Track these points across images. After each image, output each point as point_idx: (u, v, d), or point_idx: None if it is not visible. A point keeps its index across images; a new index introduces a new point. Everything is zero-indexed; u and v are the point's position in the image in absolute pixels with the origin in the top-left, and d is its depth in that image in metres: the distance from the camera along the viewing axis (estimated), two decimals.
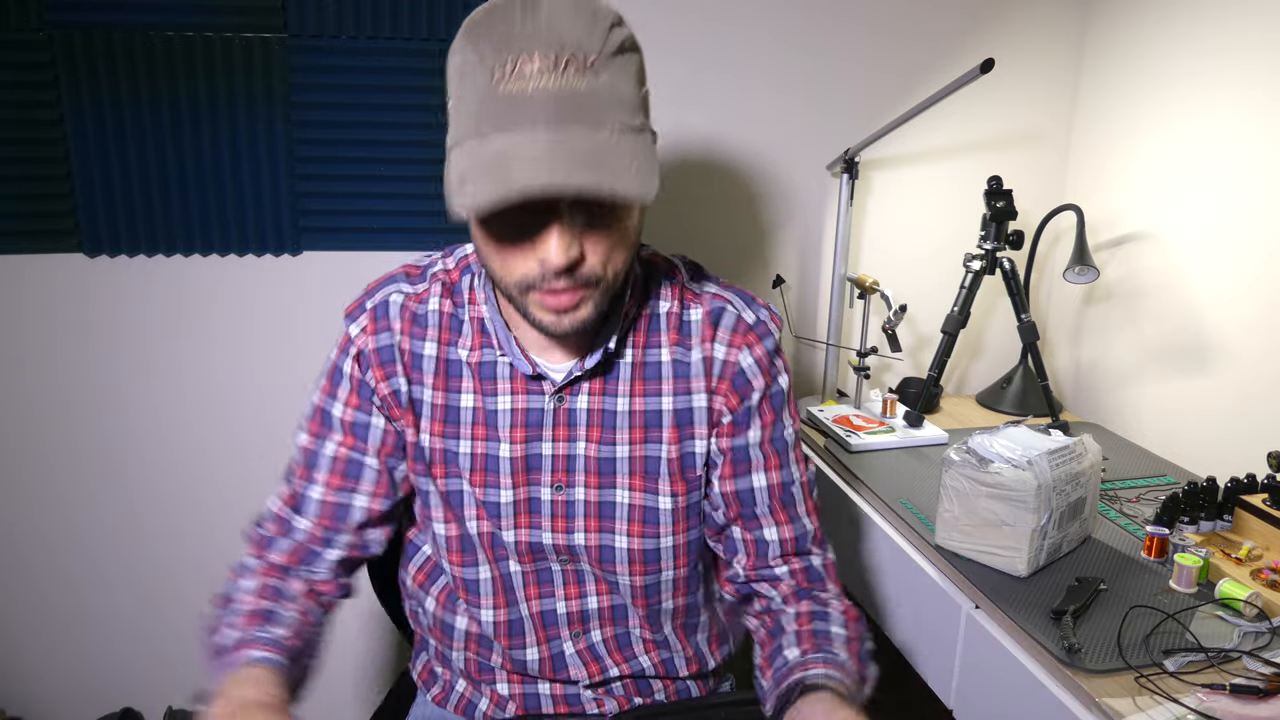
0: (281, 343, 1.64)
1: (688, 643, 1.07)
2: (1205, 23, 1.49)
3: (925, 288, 1.76)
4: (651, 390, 0.96)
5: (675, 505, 0.97)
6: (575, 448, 0.96)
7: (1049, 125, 1.78)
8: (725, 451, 0.98)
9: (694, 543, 1.00)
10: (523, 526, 0.97)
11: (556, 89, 0.74)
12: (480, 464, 0.96)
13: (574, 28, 0.75)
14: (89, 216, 1.51)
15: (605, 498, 0.96)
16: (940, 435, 1.55)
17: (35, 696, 1.73)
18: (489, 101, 0.75)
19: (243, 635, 0.85)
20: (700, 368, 0.96)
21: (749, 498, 0.99)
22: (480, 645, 1.03)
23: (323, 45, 1.50)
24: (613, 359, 0.95)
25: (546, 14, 0.75)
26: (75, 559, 1.68)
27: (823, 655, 0.90)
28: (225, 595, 0.94)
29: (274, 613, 0.89)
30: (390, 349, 0.95)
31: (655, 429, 0.96)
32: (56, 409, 1.60)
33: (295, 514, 0.98)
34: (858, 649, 0.94)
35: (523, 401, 0.95)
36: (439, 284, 0.97)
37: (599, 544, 0.97)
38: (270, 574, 0.95)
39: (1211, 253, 1.50)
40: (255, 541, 0.99)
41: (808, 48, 1.65)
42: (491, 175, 0.73)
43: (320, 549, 0.97)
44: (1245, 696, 0.91)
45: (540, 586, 1.00)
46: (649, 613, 1.02)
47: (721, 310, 0.97)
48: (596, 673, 1.03)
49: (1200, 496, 1.24)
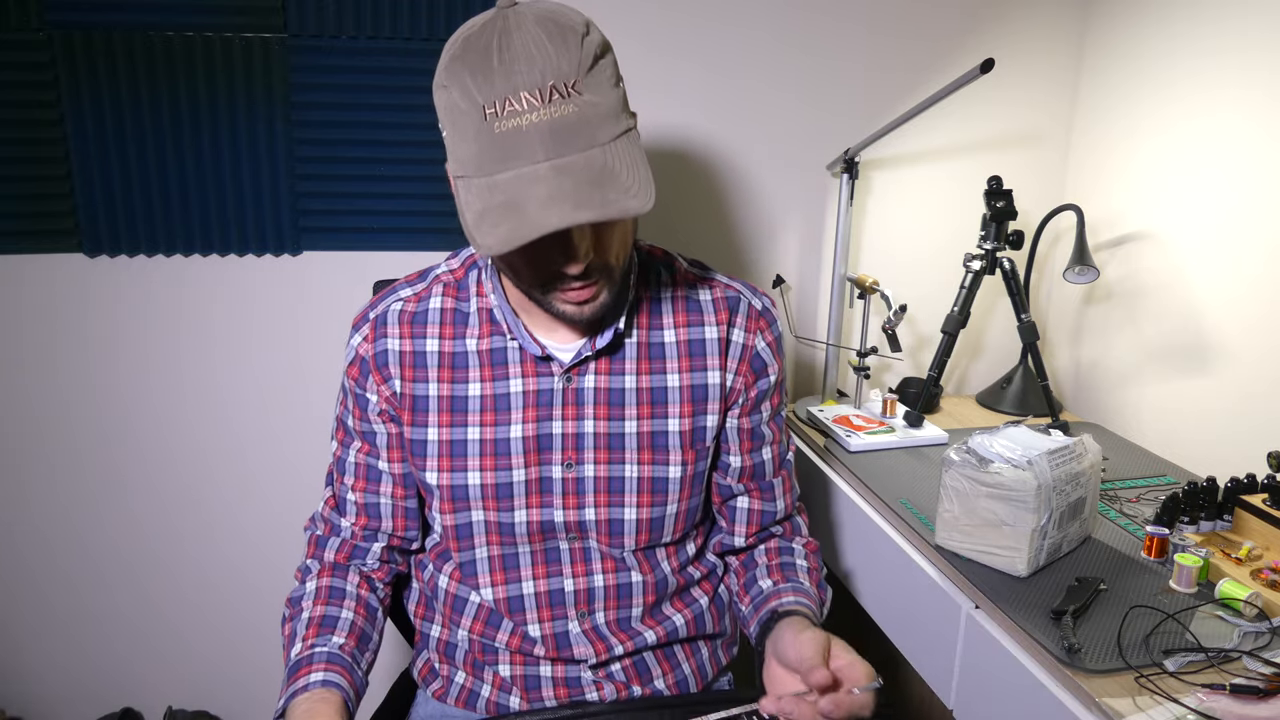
0: (281, 343, 1.64)
1: (690, 619, 1.12)
2: (1205, 23, 1.49)
3: (925, 288, 1.76)
4: (657, 369, 1.03)
5: (684, 474, 1.05)
6: (584, 426, 1.01)
7: (1049, 125, 1.78)
8: (744, 428, 1.09)
9: (694, 509, 1.09)
10: (534, 506, 1.02)
11: (549, 121, 0.79)
12: (490, 449, 1.01)
13: (549, 54, 0.79)
14: (89, 216, 1.51)
15: (614, 473, 1.02)
16: (940, 435, 1.55)
17: (35, 696, 1.73)
18: (486, 141, 0.80)
19: (309, 652, 0.95)
20: (716, 347, 1.04)
21: (760, 470, 1.11)
22: (488, 623, 1.07)
23: (323, 45, 1.50)
24: (619, 340, 1.02)
25: (520, 43, 0.79)
26: (75, 559, 1.68)
27: (791, 585, 1.04)
28: (294, 598, 1.04)
29: (335, 618, 0.99)
30: (386, 354, 1.01)
31: (662, 405, 1.03)
32: (56, 409, 1.60)
33: (339, 515, 1.07)
34: (817, 578, 1.10)
35: (533, 384, 1.00)
36: (440, 284, 1.04)
37: (608, 518, 1.04)
38: (327, 573, 1.05)
39: (1211, 253, 1.50)
40: (311, 542, 1.09)
41: (807, 47, 1.65)
42: (508, 219, 0.78)
43: (366, 544, 1.07)
44: (1245, 696, 0.91)
45: (549, 565, 1.05)
46: (650, 582, 1.08)
47: (737, 298, 1.07)
48: (603, 651, 1.06)
49: (1200, 496, 1.24)
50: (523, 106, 0.78)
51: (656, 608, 1.10)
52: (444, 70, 0.84)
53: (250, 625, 1.76)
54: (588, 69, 0.80)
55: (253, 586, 1.74)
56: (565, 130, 0.79)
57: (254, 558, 1.73)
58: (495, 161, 0.80)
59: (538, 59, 0.79)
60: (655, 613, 1.10)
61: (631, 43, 1.05)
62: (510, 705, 1.07)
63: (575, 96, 0.79)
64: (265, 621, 1.77)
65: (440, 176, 0.86)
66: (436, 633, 1.12)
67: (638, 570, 1.07)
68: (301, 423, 1.68)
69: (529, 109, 0.78)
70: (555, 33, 0.80)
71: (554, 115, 0.79)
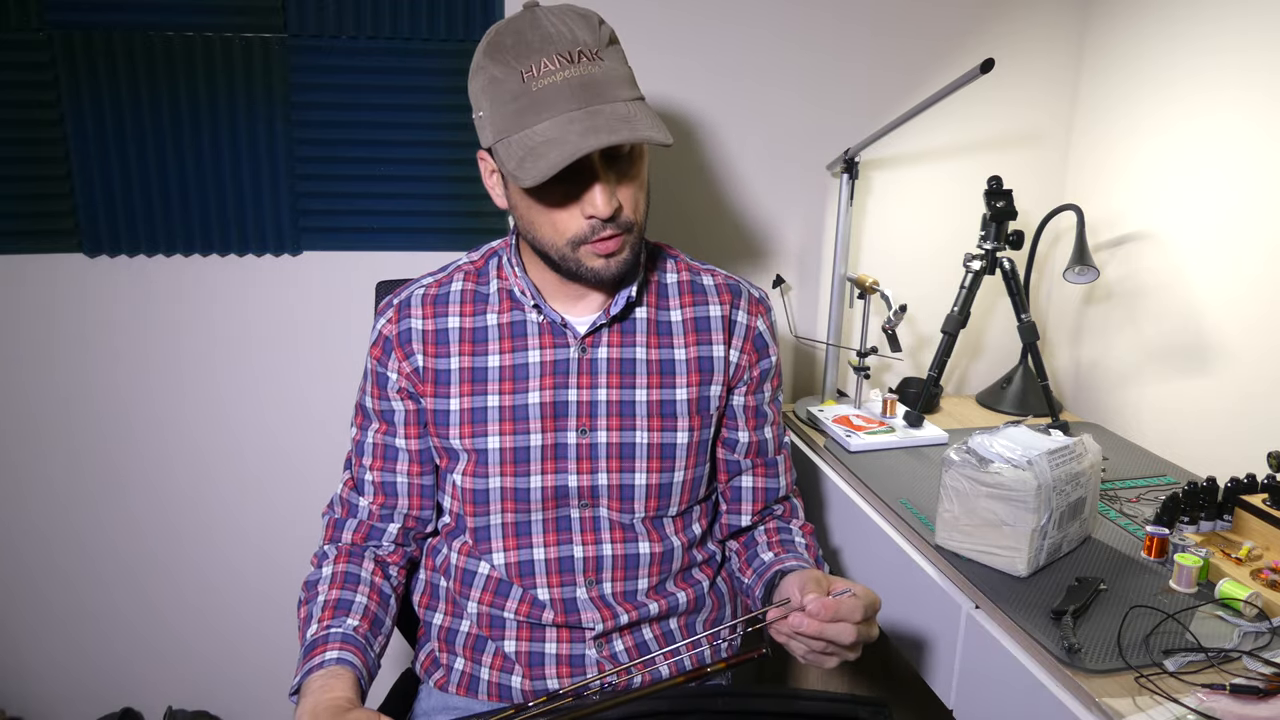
0: (281, 343, 1.64)
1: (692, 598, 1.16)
2: (1205, 23, 1.49)
3: (925, 288, 1.76)
4: (665, 343, 1.11)
5: (690, 440, 1.12)
6: (598, 394, 1.08)
7: (1049, 125, 1.78)
8: (749, 405, 1.17)
9: (699, 480, 1.15)
10: (549, 471, 1.08)
11: (579, 76, 0.92)
12: (509, 415, 1.07)
13: (575, 29, 0.94)
14: (89, 216, 1.51)
15: (626, 439, 1.09)
16: (940, 435, 1.55)
17: (35, 696, 1.73)
18: (525, 101, 0.92)
19: (324, 633, 1.00)
20: (720, 324, 1.13)
21: (764, 446, 1.19)
22: (497, 593, 1.11)
23: (323, 45, 1.50)
24: (630, 314, 1.10)
25: (548, 23, 0.94)
26: (75, 559, 1.68)
27: (791, 554, 1.13)
28: (310, 582, 1.08)
29: (349, 602, 1.04)
30: (410, 332, 1.09)
31: (670, 375, 1.11)
32: (56, 409, 1.60)
33: (358, 494, 1.13)
34: (815, 555, 1.17)
35: (550, 354, 1.08)
36: (461, 273, 1.12)
37: (619, 483, 1.10)
38: (343, 559, 1.09)
39: (1211, 253, 1.50)
40: (329, 525, 1.14)
41: (807, 47, 1.65)
42: (551, 152, 0.90)
43: (382, 524, 1.13)
44: (1245, 696, 0.91)
45: (559, 533, 1.11)
46: (656, 554, 1.13)
47: (737, 285, 1.16)
48: (609, 617, 1.10)
49: (1200, 496, 1.24)
50: (555, 66, 0.91)
51: (661, 584, 1.14)
52: (481, 55, 0.96)
53: (250, 625, 1.76)
54: (605, 44, 0.95)
55: (252, 586, 1.74)
56: (593, 83, 0.92)
57: (254, 557, 1.73)
58: (533, 114, 0.92)
59: (565, 32, 0.93)
60: (660, 588, 1.14)
61: (632, 41, 1.06)
62: (512, 685, 1.10)
63: (599, 61, 0.93)
64: (265, 621, 1.77)
65: (441, 177, 0.87)
66: (439, 620, 1.16)
67: (645, 539, 1.12)
68: (301, 422, 1.68)
69: (560, 68, 0.91)
70: (577, 15, 0.95)
71: (583, 72, 0.92)
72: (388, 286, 1.37)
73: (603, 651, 1.11)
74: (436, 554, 1.17)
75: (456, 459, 1.09)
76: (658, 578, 1.13)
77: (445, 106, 1.55)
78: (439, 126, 1.56)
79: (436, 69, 1.54)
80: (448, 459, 1.11)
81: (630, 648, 1.12)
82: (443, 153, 1.56)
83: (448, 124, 1.55)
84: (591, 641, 1.11)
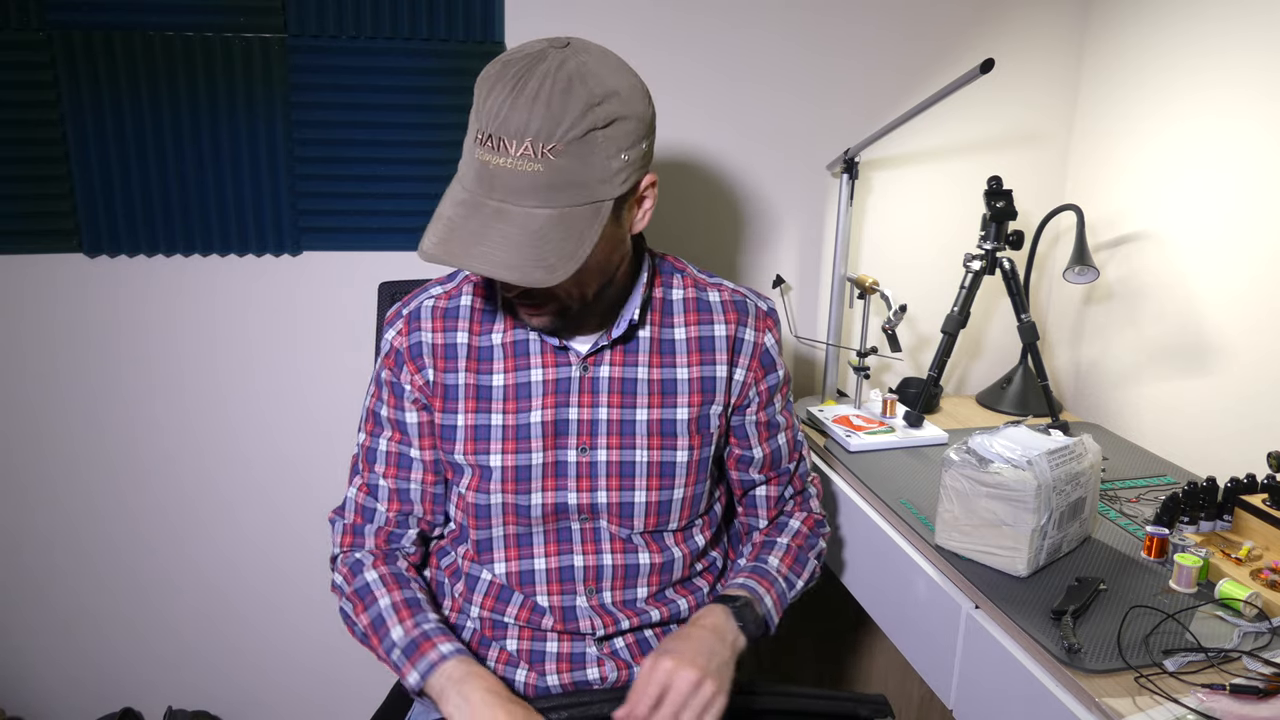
0: (281, 343, 1.64)
1: (693, 605, 1.16)
2: (1205, 22, 1.49)
3: (925, 288, 1.76)
4: (668, 362, 1.10)
5: (690, 458, 1.11)
6: (598, 413, 1.08)
7: (1049, 125, 1.78)
8: (760, 422, 1.16)
9: (699, 496, 1.14)
10: (549, 489, 1.08)
11: (510, 171, 0.87)
12: (511, 434, 1.07)
13: (545, 110, 0.86)
14: (89, 216, 1.51)
15: (625, 457, 1.09)
16: (940, 435, 1.55)
17: (35, 696, 1.73)
18: (469, 156, 0.91)
19: (421, 629, 1.02)
20: (724, 344, 1.12)
21: (777, 455, 1.19)
22: (498, 599, 1.12)
23: (323, 45, 1.50)
24: (633, 334, 1.09)
25: (531, 90, 0.86)
26: (75, 559, 1.68)
27: (753, 565, 1.14)
28: (358, 590, 1.07)
29: (416, 599, 1.06)
30: (420, 345, 1.08)
31: (671, 395, 1.10)
32: (56, 409, 1.60)
33: (374, 499, 1.12)
34: (795, 554, 1.17)
35: (552, 373, 1.08)
36: (470, 284, 1.11)
37: (619, 500, 1.09)
38: (381, 562, 1.10)
39: (1211, 253, 1.50)
40: (344, 531, 1.13)
41: (807, 47, 1.65)
42: (434, 232, 0.90)
43: (400, 529, 1.13)
44: (1245, 696, 0.91)
45: (560, 544, 1.11)
46: (656, 564, 1.12)
47: (744, 300, 1.15)
48: (609, 624, 1.10)
49: (1200, 496, 1.25)
50: (497, 148, 0.87)
51: (661, 592, 1.14)
52: (480, 79, 0.91)
53: (250, 624, 1.76)
54: (578, 136, 0.86)
55: (252, 586, 1.74)
56: (526, 183, 0.87)
57: (254, 557, 1.73)
58: (466, 176, 0.91)
59: (538, 110, 0.85)
60: (660, 596, 1.14)
61: (631, 41, 1.07)
62: (516, 679, 1.10)
63: (545, 159, 0.86)
64: (265, 621, 1.77)
65: (440, 177, 0.87)
66: (446, 615, 1.15)
67: (645, 550, 1.12)
68: (301, 422, 1.68)
69: (500, 154, 0.87)
70: (566, 90, 0.86)
71: (516, 168, 0.87)
72: (390, 288, 1.37)
73: (603, 649, 1.12)
74: (444, 555, 1.17)
75: (461, 473, 1.10)
76: (658, 586, 1.13)
77: (445, 106, 1.55)
78: (439, 126, 1.56)
79: (436, 69, 1.54)
80: (453, 472, 1.11)
81: (631, 644, 1.13)
82: (443, 153, 1.56)
83: (448, 124, 1.55)
84: (592, 641, 1.11)
